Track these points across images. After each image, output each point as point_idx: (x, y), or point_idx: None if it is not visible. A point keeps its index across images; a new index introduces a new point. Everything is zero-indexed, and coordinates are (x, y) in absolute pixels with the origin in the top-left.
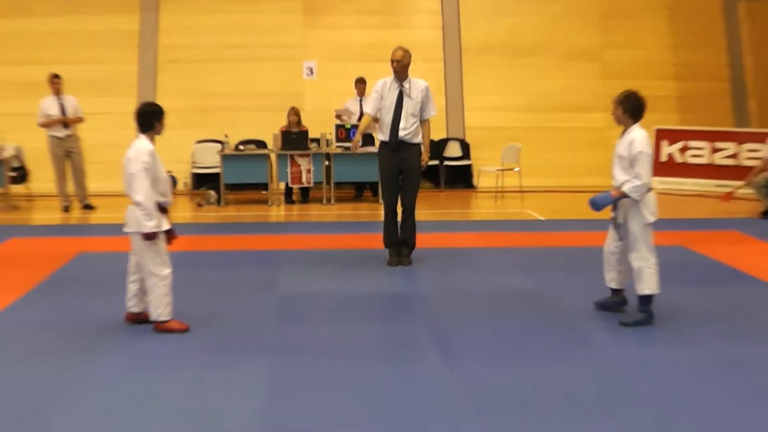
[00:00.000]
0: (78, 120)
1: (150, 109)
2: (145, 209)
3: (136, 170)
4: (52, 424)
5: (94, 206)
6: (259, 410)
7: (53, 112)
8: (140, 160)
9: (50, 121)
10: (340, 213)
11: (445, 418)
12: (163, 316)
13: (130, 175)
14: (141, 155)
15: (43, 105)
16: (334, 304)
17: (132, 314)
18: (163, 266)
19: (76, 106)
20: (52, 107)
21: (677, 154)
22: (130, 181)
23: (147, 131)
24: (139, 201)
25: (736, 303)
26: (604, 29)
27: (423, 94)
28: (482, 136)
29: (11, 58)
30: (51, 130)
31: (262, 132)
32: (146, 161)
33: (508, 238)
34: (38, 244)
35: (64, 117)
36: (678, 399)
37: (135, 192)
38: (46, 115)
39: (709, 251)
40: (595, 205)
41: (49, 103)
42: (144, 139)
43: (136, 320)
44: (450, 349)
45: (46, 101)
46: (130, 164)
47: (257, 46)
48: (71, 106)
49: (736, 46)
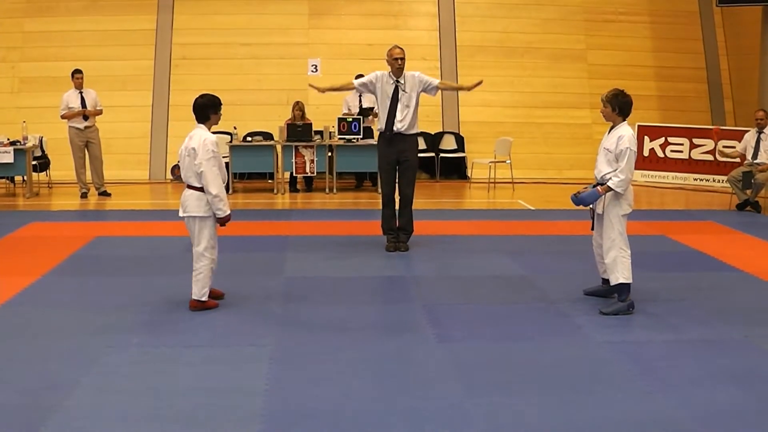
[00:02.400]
0: (97, 112)
1: (209, 102)
2: (221, 198)
3: (205, 160)
4: (72, 396)
5: (110, 193)
6: (264, 386)
7: (74, 105)
8: (208, 150)
9: (71, 113)
10: (342, 201)
11: (438, 393)
12: (204, 296)
13: (198, 165)
14: (208, 145)
15: (65, 98)
16: (335, 286)
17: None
18: (214, 249)
19: (95, 99)
20: (73, 100)
21: (658, 149)
22: (199, 171)
23: (205, 122)
24: (215, 193)
25: (711, 288)
26: (590, 32)
27: (417, 82)
28: (476, 131)
29: (36, 55)
30: (72, 121)
31: (269, 124)
32: (213, 150)
33: (499, 227)
34: (57, 228)
35: (84, 109)
36: (656, 378)
37: (209, 184)
38: (68, 107)
39: (687, 240)
40: (583, 202)
41: (71, 96)
42: (204, 129)
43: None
44: (443, 329)
45: (68, 95)
46: (198, 155)
47: (265, 45)
48: (91, 99)
49: (712, 50)
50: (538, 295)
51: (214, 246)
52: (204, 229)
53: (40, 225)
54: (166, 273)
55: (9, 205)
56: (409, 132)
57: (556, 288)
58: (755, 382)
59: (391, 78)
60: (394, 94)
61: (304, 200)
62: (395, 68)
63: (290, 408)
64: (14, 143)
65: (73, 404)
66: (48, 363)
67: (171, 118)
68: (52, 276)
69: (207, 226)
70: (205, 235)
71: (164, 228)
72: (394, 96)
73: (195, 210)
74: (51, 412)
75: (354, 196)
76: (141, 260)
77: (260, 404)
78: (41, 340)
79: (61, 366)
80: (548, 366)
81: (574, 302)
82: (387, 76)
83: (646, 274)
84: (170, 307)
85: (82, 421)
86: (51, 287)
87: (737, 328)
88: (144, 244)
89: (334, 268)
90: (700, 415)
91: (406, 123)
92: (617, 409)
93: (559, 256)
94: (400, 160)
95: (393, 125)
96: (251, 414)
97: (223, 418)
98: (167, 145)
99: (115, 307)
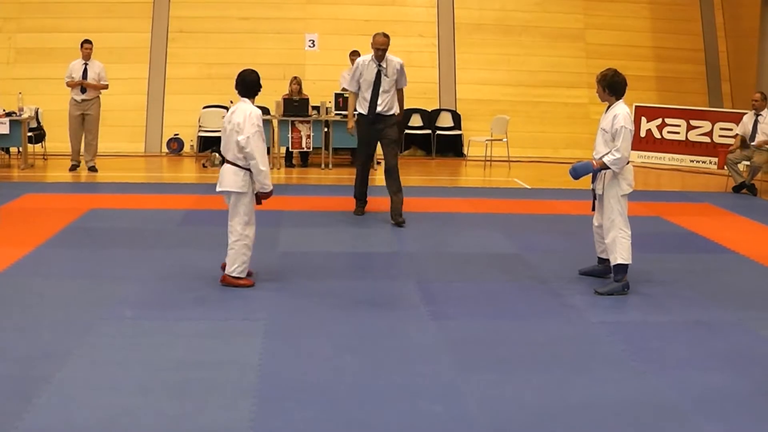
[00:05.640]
0: (99, 86)
1: (255, 78)
2: (268, 174)
3: (251, 133)
4: (64, 367)
5: (97, 169)
6: (257, 360)
7: (76, 75)
8: (253, 123)
9: (72, 82)
10: (338, 177)
11: (431, 369)
12: (237, 272)
13: (246, 139)
14: (253, 119)
15: (70, 67)
16: (330, 262)
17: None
18: (249, 225)
19: (100, 72)
20: (76, 70)
21: (655, 130)
22: (245, 146)
23: (250, 96)
24: (263, 169)
25: (705, 270)
26: (588, 12)
27: (397, 70)
28: (472, 108)
29: (33, 26)
30: (71, 91)
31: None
32: (258, 125)
33: (494, 205)
34: (52, 200)
35: (81, 81)
36: (649, 358)
37: (256, 159)
38: (70, 77)
39: (682, 222)
40: (576, 172)
41: (75, 66)
42: (248, 103)
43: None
44: (437, 306)
45: (73, 64)
46: (242, 128)
47: (262, 19)
48: (94, 71)
49: (711, 31)
50: (532, 274)
51: (248, 222)
52: (239, 205)
53: (35, 196)
54: (160, 246)
55: (4, 176)
56: (388, 113)
57: (551, 267)
58: (748, 364)
59: (374, 62)
60: (376, 78)
61: (299, 175)
62: (377, 55)
63: (283, 382)
64: (10, 114)
65: (65, 375)
66: (41, 334)
67: (167, 92)
68: (47, 247)
69: (243, 203)
70: (239, 211)
71: (159, 201)
72: (376, 80)
73: (231, 185)
74: (44, 383)
75: (349, 172)
76: (136, 233)
77: (253, 378)
78: (35, 311)
79: (54, 337)
80: (542, 345)
81: (569, 282)
82: (369, 60)
83: (641, 255)
84: (164, 280)
85: (75, 391)
86: (45, 259)
87: (731, 311)
88: (139, 216)
89: (329, 244)
90: (692, 396)
91: (386, 105)
92: (610, 388)
93: (554, 235)
94: (380, 138)
95: (375, 109)
96: (244, 388)
97: (216, 392)
98: (163, 118)
99: (109, 279)
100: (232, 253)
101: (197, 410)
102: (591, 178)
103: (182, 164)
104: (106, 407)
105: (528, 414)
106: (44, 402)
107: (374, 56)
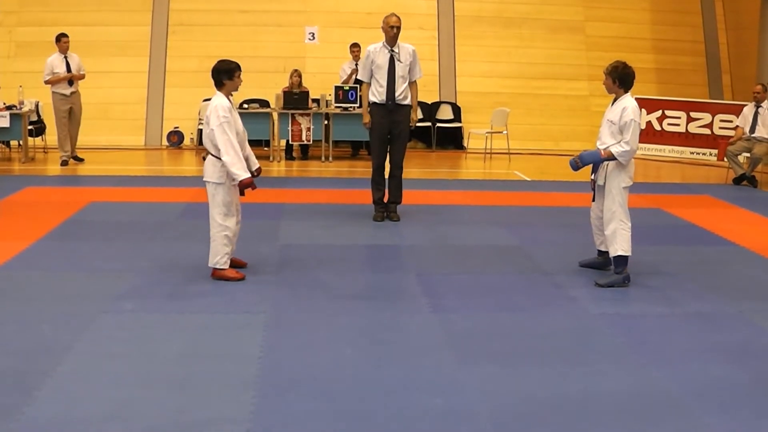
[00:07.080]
0: (81, 77)
1: (222, 67)
2: (234, 163)
3: (215, 126)
4: (65, 361)
5: (82, 158)
6: (258, 353)
7: (59, 70)
8: (219, 116)
9: (58, 77)
10: (338, 170)
11: (431, 362)
12: (220, 264)
13: (211, 131)
14: (218, 111)
15: (49, 63)
16: (329, 254)
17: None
18: (228, 216)
19: (79, 63)
20: (58, 65)
21: (655, 122)
22: (212, 138)
23: (220, 88)
24: (226, 160)
25: (705, 262)
26: (588, 4)
27: (411, 58)
28: (473, 101)
29: (33, 19)
30: (56, 87)
31: (266, 92)
32: (224, 116)
33: (495, 197)
34: (53, 193)
35: (71, 74)
36: (649, 350)
37: (220, 150)
38: (54, 72)
39: (683, 213)
40: (582, 160)
41: (55, 61)
42: (220, 96)
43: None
44: (437, 298)
45: (52, 59)
46: (209, 120)
47: (262, 12)
48: (75, 63)
49: (711, 23)
50: (532, 266)
51: (227, 213)
52: (216, 195)
53: (35, 190)
54: (161, 239)
55: (4, 169)
56: (404, 102)
57: (551, 259)
58: (748, 356)
59: (386, 47)
60: (390, 64)
61: (300, 168)
62: (390, 36)
63: (284, 375)
64: (10, 107)
65: (66, 368)
66: (42, 327)
67: (167, 85)
68: (47, 241)
69: (219, 193)
70: (217, 202)
71: (159, 194)
72: (390, 66)
73: (209, 176)
74: (44, 376)
75: (350, 165)
76: (136, 226)
77: (254, 371)
78: (35, 304)
79: (55, 330)
80: (542, 337)
81: (569, 274)
82: (381, 47)
83: (641, 247)
84: (165, 273)
85: (75, 385)
86: (46, 252)
87: (731, 302)
88: (139, 209)
89: (329, 236)
90: (693, 388)
91: (402, 93)
92: (610, 380)
93: (554, 228)
94: (392, 130)
95: (394, 96)
96: (245, 381)
97: (217, 385)
98: (163, 111)
99: (110, 272)
100: (213, 245)
101: (198, 403)
102: (591, 168)
103: (182, 157)
104: (107, 400)
105: (529, 406)
106: (45, 395)
107: (386, 40)
